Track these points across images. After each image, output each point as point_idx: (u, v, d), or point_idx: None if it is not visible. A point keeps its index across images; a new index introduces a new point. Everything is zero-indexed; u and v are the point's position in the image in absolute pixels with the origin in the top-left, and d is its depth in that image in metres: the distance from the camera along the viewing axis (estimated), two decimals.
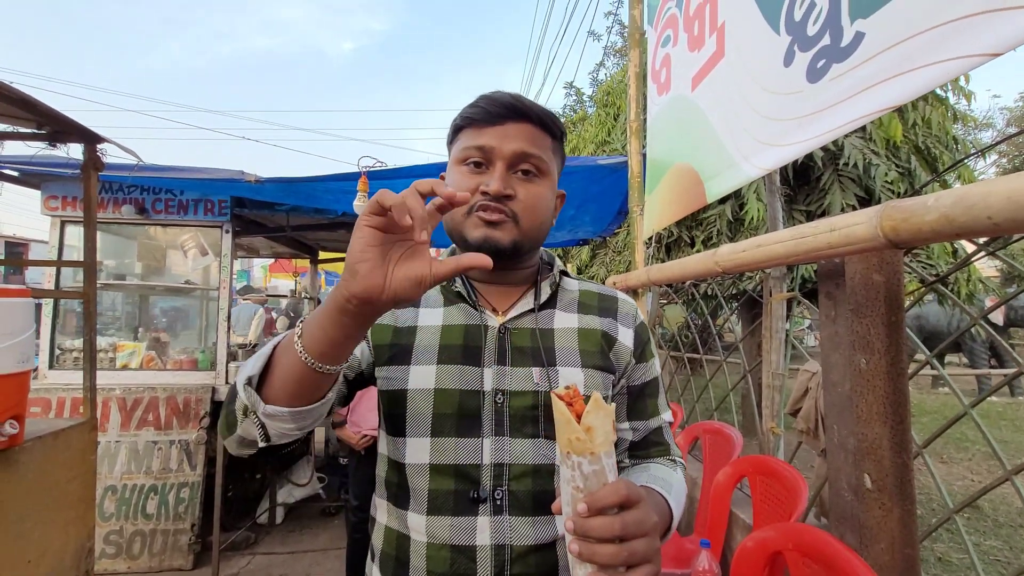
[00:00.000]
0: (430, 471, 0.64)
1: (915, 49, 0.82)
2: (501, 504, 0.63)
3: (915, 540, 1.05)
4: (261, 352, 0.56)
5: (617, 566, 0.47)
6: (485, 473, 0.63)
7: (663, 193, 1.96)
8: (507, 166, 0.66)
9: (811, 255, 1.00)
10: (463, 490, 0.63)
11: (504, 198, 0.65)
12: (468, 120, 0.68)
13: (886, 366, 1.06)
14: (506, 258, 0.67)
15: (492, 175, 0.65)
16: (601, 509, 0.47)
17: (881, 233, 0.79)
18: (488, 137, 0.66)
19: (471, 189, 0.65)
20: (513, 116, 0.66)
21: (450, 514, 0.63)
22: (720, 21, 1.50)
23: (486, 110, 0.66)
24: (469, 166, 0.67)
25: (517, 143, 0.65)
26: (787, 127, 1.16)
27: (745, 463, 1.71)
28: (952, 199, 0.68)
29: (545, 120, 0.68)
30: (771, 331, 2.11)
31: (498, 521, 0.62)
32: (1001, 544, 2.93)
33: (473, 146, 0.66)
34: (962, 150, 4.09)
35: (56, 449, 1.56)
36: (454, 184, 0.68)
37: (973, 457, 4.48)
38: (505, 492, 0.63)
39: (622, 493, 0.48)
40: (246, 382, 0.54)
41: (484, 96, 0.68)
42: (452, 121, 0.72)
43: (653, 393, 0.76)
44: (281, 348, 0.54)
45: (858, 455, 1.07)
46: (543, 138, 0.68)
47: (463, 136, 0.69)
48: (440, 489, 0.63)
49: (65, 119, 1.64)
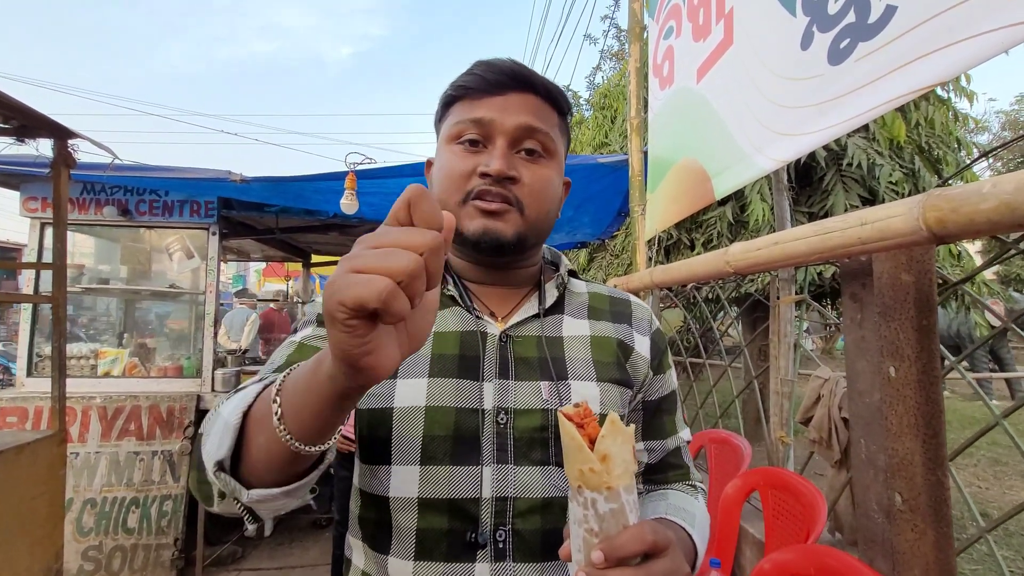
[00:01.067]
0: (419, 507, 0.53)
1: (957, 20, 0.73)
2: (504, 547, 0.52)
3: (952, 565, 0.96)
4: (223, 423, 0.43)
5: None
6: (485, 509, 0.53)
7: (666, 191, 1.87)
8: (509, 143, 0.56)
9: (837, 252, 0.91)
10: (458, 530, 0.52)
11: (507, 180, 0.55)
12: (463, 90, 0.57)
13: (917, 374, 0.97)
14: (509, 254, 0.57)
15: (492, 154, 0.55)
16: (621, 559, 0.38)
17: (924, 225, 0.70)
18: (486, 109, 0.56)
19: (467, 171, 0.55)
20: (516, 85, 0.56)
21: (442, 560, 0.52)
22: (728, 7, 1.42)
23: (483, 78, 0.56)
24: (463, 144, 0.57)
25: (521, 116, 0.56)
26: (805, 115, 1.07)
27: (756, 475, 1.61)
28: (1015, 184, 0.59)
29: (552, 92, 0.58)
30: (779, 335, 2.02)
31: (500, 568, 0.52)
32: (1012, 554, 2.84)
33: (469, 119, 0.56)
34: (966, 150, 4.03)
35: (20, 464, 1.46)
36: (444, 167, 0.58)
37: (979, 463, 4.39)
38: (508, 532, 0.53)
39: (648, 540, 0.39)
40: (216, 468, 0.42)
41: (481, 62, 0.58)
42: (442, 94, 0.61)
43: (671, 409, 0.67)
44: (253, 421, 0.42)
45: (889, 472, 0.98)
46: (550, 113, 0.59)
47: (456, 109, 0.58)
48: (431, 529, 0.53)
49: (33, 112, 1.54)
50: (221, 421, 0.43)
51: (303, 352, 0.57)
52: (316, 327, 0.61)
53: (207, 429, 0.47)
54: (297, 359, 0.55)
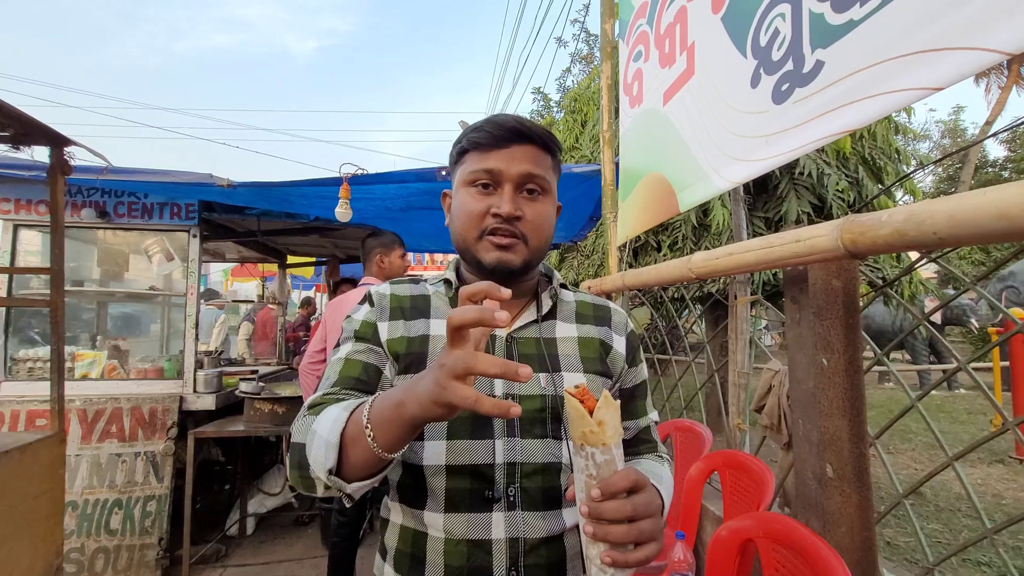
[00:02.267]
0: (447, 471, 0.68)
1: (869, 79, 0.91)
2: (514, 500, 0.67)
3: (872, 523, 1.16)
4: (326, 438, 0.57)
5: (627, 543, 0.52)
6: (499, 472, 0.67)
7: (636, 201, 2.04)
8: (515, 187, 0.70)
9: (778, 263, 1.09)
10: (478, 488, 0.67)
11: (514, 219, 0.69)
12: (474, 144, 0.72)
13: (844, 364, 1.16)
14: (517, 277, 0.72)
15: (501, 196, 0.70)
16: (613, 493, 0.52)
17: (841, 245, 0.88)
18: (495, 160, 0.70)
19: (483, 210, 0.70)
20: (518, 139, 0.70)
21: (467, 511, 0.67)
22: (690, 41, 1.59)
23: (492, 134, 0.70)
24: (478, 187, 0.71)
25: (523, 165, 0.70)
26: (754, 144, 1.25)
27: (715, 458, 1.80)
28: (903, 216, 0.77)
29: (546, 140, 0.73)
30: (736, 332, 2.23)
31: (512, 516, 0.67)
32: (941, 527, 3.16)
33: (482, 169, 0.70)
34: (904, 160, 4.40)
35: (23, 464, 1.51)
36: (463, 207, 0.72)
37: (916, 447, 4.79)
38: (517, 489, 0.68)
39: (632, 478, 0.53)
40: (327, 472, 0.56)
41: (489, 120, 0.72)
42: (455, 144, 0.76)
43: (642, 395, 0.83)
44: (350, 439, 0.56)
45: (821, 446, 1.16)
46: (545, 158, 0.73)
47: (469, 159, 0.73)
48: (457, 488, 0.67)
49: (31, 120, 1.59)
50: (322, 440, 0.57)
51: (350, 366, 0.71)
52: (355, 343, 0.74)
53: (305, 440, 0.60)
54: (347, 372, 0.70)
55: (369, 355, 0.72)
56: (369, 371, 0.71)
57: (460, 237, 0.73)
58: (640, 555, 0.53)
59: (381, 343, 0.74)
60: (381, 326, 0.75)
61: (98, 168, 2.16)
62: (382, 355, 0.73)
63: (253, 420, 2.65)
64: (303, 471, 0.60)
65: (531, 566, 0.66)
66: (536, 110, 12.82)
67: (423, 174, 2.37)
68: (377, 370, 0.72)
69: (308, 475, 0.59)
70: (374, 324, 0.75)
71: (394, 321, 0.76)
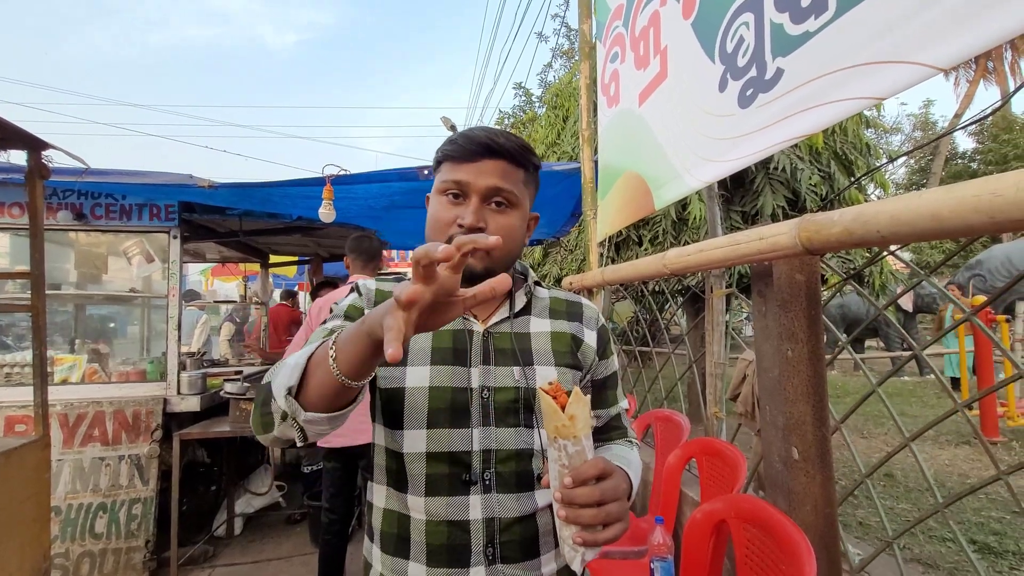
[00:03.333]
0: (427, 458, 0.73)
1: (823, 87, 0.97)
2: (490, 484, 0.73)
3: (834, 502, 1.23)
4: (294, 363, 0.60)
5: (596, 525, 0.58)
6: (475, 458, 0.73)
7: (615, 199, 2.10)
8: (481, 199, 0.74)
9: (744, 259, 1.15)
10: (456, 473, 0.72)
11: (477, 229, 0.73)
12: (447, 156, 0.77)
13: (808, 353, 1.23)
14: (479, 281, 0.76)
15: (468, 207, 0.74)
16: (584, 481, 0.58)
17: (799, 242, 0.95)
18: (464, 172, 0.74)
19: (450, 219, 0.74)
20: (487, 154, 0.74)
21: (446, 494, 0.72)
22: (663, 45, 1.65)
23: (463, 147, 0.75)
24: (448, 197, 0.76)
25: (490, 179, 0.74)
26: (723, 146, 1.31)
27: (693, 445, 1.88)
28: (851, 216, 0.83)
29: (516, 155, 0.76)
30: (713, 324, 2.31)
31: (487, 498, 0.72)
32: (911, 507, 3.31)
33: (451, 180, 0.75)
34: (874, 155, 4.54)
35: (8, 469, 1.51)
36: (433, 214, 0.77)
37: (888, 432, 4.98)
38: (492, 473, 0.73)
39: (600, 467, 0.59)
40: (287, 392, 0.58)
41: (462, 133, 0.76)
42: (436, 153, 0.80)
43: (613, 385, 0.88)
44: (315, 363, 0.58)
45: (786, 431, 1.24)
46: (515, 172, 0.77)
47: (444, 169, 0.77)
48: (436, 473, 0.72)
49: (7, 124, 1.58)
50: (289, 364, 0.60)
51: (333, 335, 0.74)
52: (343, 320, 0.79)
53: (273, 374, 0.63)
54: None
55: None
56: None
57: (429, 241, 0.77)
58: (608, 534, 0.59)
59: None
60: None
61: (76, 170, 2.15)
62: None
63: (239, 421, 2.66)
64: (264, 408, 0.62)
65: (506, 542, 0.72)
66: (518, 105, 12.84)
67: (405, 173, 2.39)
68: None
69: (268, 411, 0.61)
70: (361, 308, 0.80)
71: None
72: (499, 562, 0.71)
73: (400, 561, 0.73)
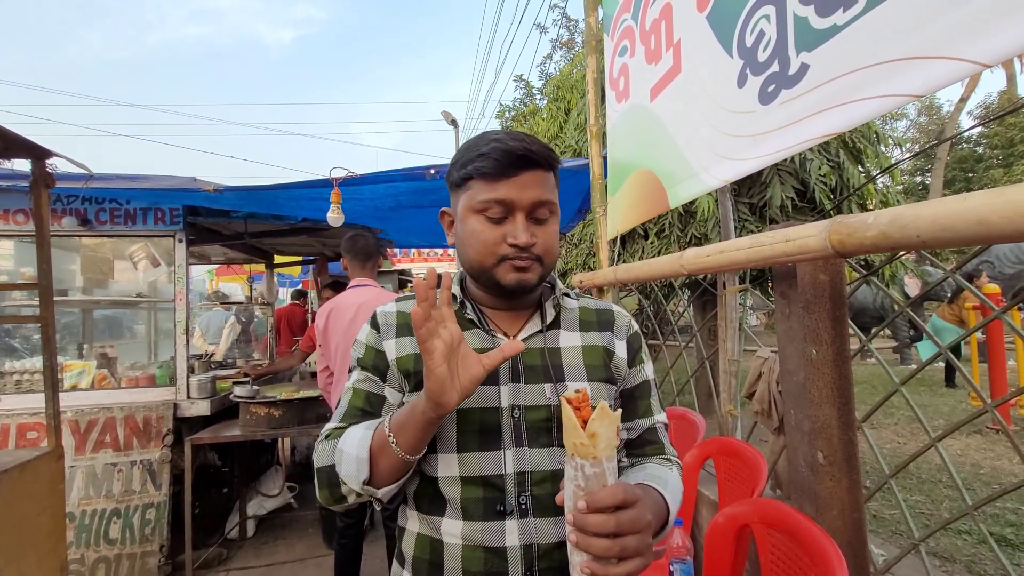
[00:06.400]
0: (461, 482, 0.70)
1: (853, 84, 0.94)
2: (526, 508, 0.70)
3: (861, 505, 1.21)
4: (356, 455, 0.67)
5: (610, 557, 0.53)
6: (509, 481, 0.70)
7: (626, 196, 2.07)
8: (526, 215, 0.71)
9: (768, 261, 1.12)
10: (492, 497, 0.70)
11: (529, 247, 0.71)
12: (481, 173, 0.71)
13: (832, 355, 1.21)
14: (531, 292, 0.76)
15: (515, 225, 0.70)
16: (599, 509, 0.53)
17: (830, 245, 0.92)
18: (506, 190, 0.70)
19: (498, 239, 0.71)
20: (525, 166, 0.70)
21: (481, 519, 0.69)
22: (676, 38, 1.61)
23: (500, 163, 0.69)
24: (489, 217, 0.71)
25: (533, 192, 0.71)
26: (742, 143, 1.27)
27: (710, 445, 1.86)
28: (888, 219, 0.80)
29: (551, 161, 0.73)
30: (726, 321, 2.28)
31: (524, 523, 0.69)
32: (924, 498, 3.29)
33: (492, 199, 0.70)
34: (883, 141, 4.48)
35: (23, 482, 1.50)
36: (476, 235, 0.72)
37: (898, 422, 4.96)
38: (529, 497, 0.70)
39: (619, 497, 0.54)
40: (362, 483, 0.67)
41: (494, 146, 0.70)
42: (458, 166, 0.74)
43: (644, 395, 0.84)
44: (377, 451, 0.66)
45: (812, 435, 1.21)
46: (549, 179, 0.74)
47: (476, 187, 0.72)
48: (471, 498, 0.70)
49: (10, 134, 1.55)
50: (351, 457, 0.67)
51: (358, 395, 0.78)
52: (359, 371, 0.79)
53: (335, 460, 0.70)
54: (354, 403, 0.77)
55: (370, 383, 0.77)
56: (372, 400, 0.77)
57: (476, 263, 0.73)
58: (621, 570, 0.53)
59: (388, 363, 0.77)
60: (388, 344, 0.78)
61: (81, 176, 2.12)
62: (380, 383, 0.77)
63: (250, 424, 2.65)
64: (333, 488, 0.69)
65: (545, 569, 0.69)
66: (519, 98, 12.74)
67: (412, 174, 2.36)
68: (380, 398, 0.77)
69: (339, 491, 0.69)
70: (375, 349, 0.78)
71: (401, 338, 0.78)
72: None
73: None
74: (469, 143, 0.76)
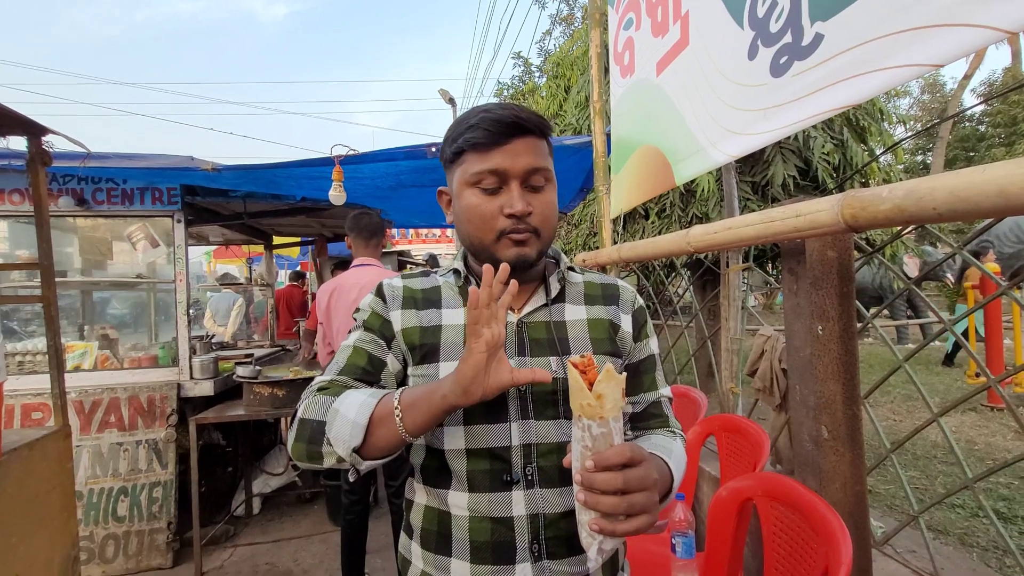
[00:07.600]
0: (467, 455, 0.71)
1: (870, 54, 0.92)
2: (532, 479, 0.70)
3: (863, 479, 1.23)
4: (353, 420, 0.64)
5: (617, 514, 0.54)
6: (516, 453, 0.70)
7: (631, 174, 2.04)
8: (520, 183, 0.70)
9: (778, 237, 1.11)
10: (498, 469, 0.70)
11: (526, 215, 0.70)
12: (472, 144, 0.70)
13: (839, 331, 1.21)
14: (532, 267, 0.74)
15: (510, 195, 0.70)
16: (607, 467, 0.55)
17: (842, 219, 0.91)
18: (498, 159, 0.69)
19: (495, 211, 0.70)
20: (517, 133, 0.69)
21: (488, 491, 0.70)
22: (684, 10, 1.57)
23: (490, 132, 0.69)
24: (483, 188, 0.71)
25: (526, 159, 0.70)
26: (752, 117, 1.25)
27: (713, 421, 1.87)
28: (903, 192, 0.79)
29: (542, 128, 0.72)
30: (729, 299, 2.28)
31: (531, 494, 0.70)
32: (919, 474, 3.34)
33: (486, 170, 0.69)
34: (886, 119, 4.43)
35: (33, 460, 1.51)
36: (472, 209, 0.71)
37: (894, 400, 5.01)
38: (535, 469, 0.71)
39: (626, 455, 0.55)
40: (352, 449, 0.63)
41: (483, 116, 0.70)
42: (449, 141, 0.74)
43: (649, 369, 0.84)
44: (377, 421, 0.63)
45: (817, 410, 1.22)
46: (542, 145, 0.73)
47: (469, 159, 0.71)
48: (477, 470, 0.70)
49: (5, 109, 1.52)
50: (348, 420, 0.64)
51: (358, 354, 0.76)
52: (363, 331, 0.77)
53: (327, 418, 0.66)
54: (354, 361, 0.75)
55: (374, 346, 0.76)
56: (374, 362, 0.75)
57: (475, 239, 0.73)
58: (629, 526, 0.55)
59: (394, 332, 0.76)
60: (394, 315, 0.78)
61: (78, 155, 2.09)
62: (384, 348, 0.76)
63: (253, 404, 2.67)
64: (313, 445, 0.66)
65: (551, 539, 0.70)
66: (518, 76, 12.52)
67: (413, 152, 2.33)
68: (381, 362, 0.75)
69: (318, 450, 0.65)
70: (381, 316, 0.78)
71: (407, 310, 0.78)
72: (545, 558, 0.69)
73: (442, 559, 0.71)
74: (459, 118, 0.75)
